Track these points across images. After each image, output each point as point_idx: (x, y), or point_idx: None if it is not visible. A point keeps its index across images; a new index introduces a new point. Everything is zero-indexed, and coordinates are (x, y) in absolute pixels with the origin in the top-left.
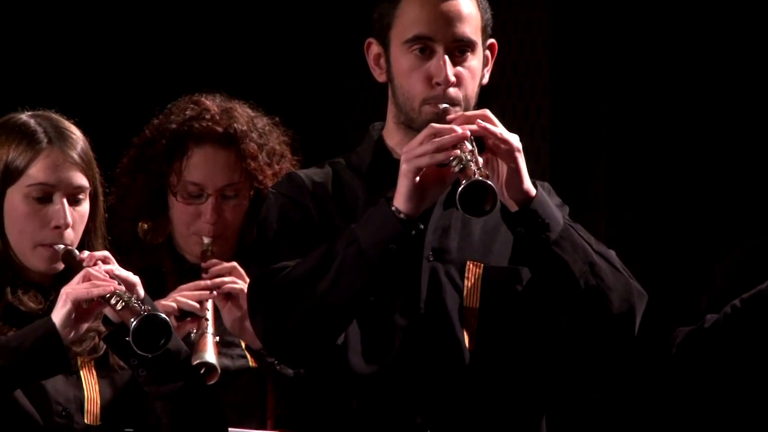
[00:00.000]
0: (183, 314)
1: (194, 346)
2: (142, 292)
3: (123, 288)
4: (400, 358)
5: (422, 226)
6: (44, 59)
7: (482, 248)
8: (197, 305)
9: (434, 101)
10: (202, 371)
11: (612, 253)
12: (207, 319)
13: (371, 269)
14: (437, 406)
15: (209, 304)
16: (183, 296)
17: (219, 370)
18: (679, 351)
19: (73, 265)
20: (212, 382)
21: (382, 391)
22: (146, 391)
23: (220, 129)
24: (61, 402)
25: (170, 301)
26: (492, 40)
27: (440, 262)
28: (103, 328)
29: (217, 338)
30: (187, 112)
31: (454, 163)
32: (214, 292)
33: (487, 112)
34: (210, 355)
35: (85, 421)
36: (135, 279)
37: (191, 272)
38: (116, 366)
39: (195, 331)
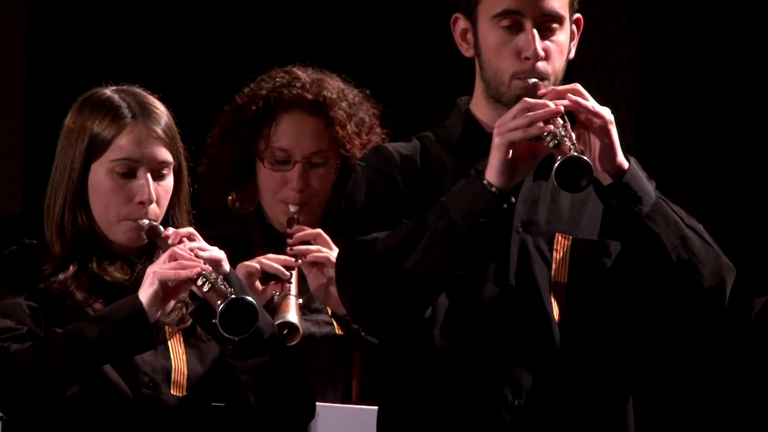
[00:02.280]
0: (267, 278)
1: (277, 307)
2: (227, 267)
3: (209, 268)
4: (488, 330)
5: (513, 200)
6: (128, 34)
7: (571, 221)
8: (281, 268)
9: (523, 76)
10: (284, 332)
11: (702, 227)
12: (290, 282)
13: (461, 242)
14: (525, 379)
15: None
16: (268, 259)
17: (301, 331)
18: (757, 319)
19: (158, 241)
20: (294, 343)
21: (468, 363)
22: (233, 364)
23: (309, 96)
24: (148, 372)
25: (254, 263)
26: (578, 15)
27: (529, 234)
28: (190, 300)
29: (300, 300)
30: (277, 80)
31: (548, 138)
32: (299, 260)
33: (578, 86)
34: (293, 315)
35: (172, 391)
36: (220, 255)
37: (279, 241)
38: (204, 337)
39: (278, 293)
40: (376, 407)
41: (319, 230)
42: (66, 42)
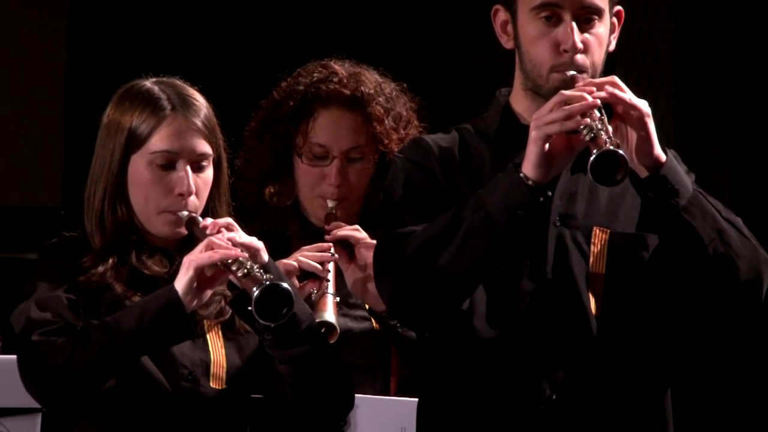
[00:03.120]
0: (304, 275)
1: (314, 306)
2: (266, 257)
3: (245, 255)
4: (526, 324)
5: (550, 193)
6: (167, 26)
7: (608, 214)
8: (318, 266)
9: (562, 68)
10: (322, 331)
11: (739, 220)
12: (328, 280)
13: (498, 235)
14: (562, 372)
15: (330, 266)
16: (305, 256)
17: (339, 330)
18: None
19: (197, 233)
20: (332, 342)
21: (507, 356)
22: (272, 355)
23: (347, 92)
24: (187, 365)
25: (291, 260)
26: (619, 7)
27: (567, 228)
28: (228, 292)
29: (338, 299)
30: (315, 75)
31: (584, 131)
32: (337, 255)
33: (616, 78)
34: (330, 314)
35: (211, 384)
36: (258, 244)
37: (317, 236)
38: (243, 330)
39: (315, 291)
40: (416, 399)
41: (357, 227)
42: (106, 34)
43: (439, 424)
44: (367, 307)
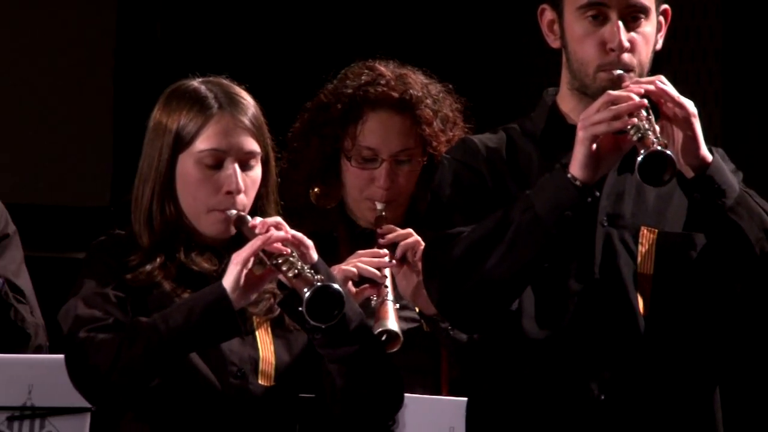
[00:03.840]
0: (361, 280)
1: (375, 313)
2: (315, 255)
3: (291, 253)
4: (575, 324)
5: (597, 193)
6: (215, 26)
7: (656, 214)
8: (377, 272)
9: (608, 67)
10: (383, 338)
11: None
12: (386, 286)
13: (547, 236)
14: (611, 372)
15: (387, 271)
16: (362, 261)
17: (402, 338)
18: None
19: (245, 231)
20: (395, 350)
21: (555, 357)
22: (321, 354)
23: (395, 94)
24: (236, 362)
25: (350, 266)
26: (665, 6)
27: (614, 228)
28: (278, 290)
29: (398, 305)
30: (362, 77)
31: (632, 131)
32: (392, 260)
33: (662, 78)
34: (392, 322)
35: (260, 381)
36: (308, 242)
37: (363, 237)
38: (292, 327)
39: (375, 298)
40: (465, 399)
41: (410, 230)
42: (154, 34)
43: (487, 424)
44: (417, 309)
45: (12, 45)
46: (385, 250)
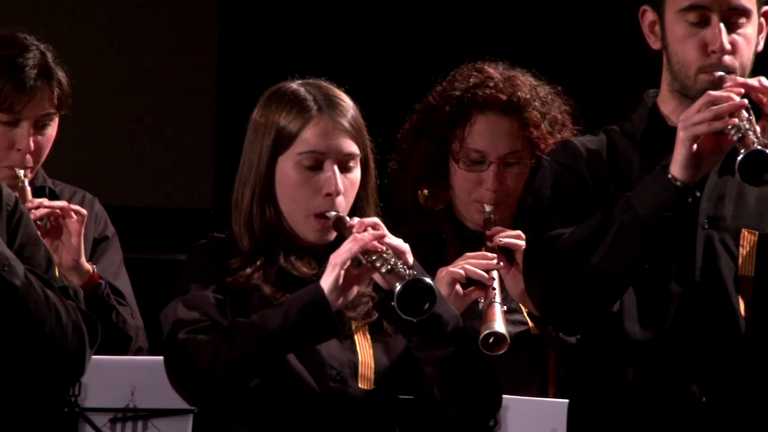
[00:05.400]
0: (469, 282)
1: (482, 315)
2: (411, 259)
3: (386, 251)
4: (676, 326)
5: (698, 194)
6: (317, 28)
7: (757, 216)
8: (485, 274)
9: (710, 69)
10: (490, 341)
11: None
12: (494, 288)
13: (647, 237)
14: (712, 374)
15: (495, 273)
16: (471, 264)
17: (509, 340)
18: None
19: (344, 232)
20: (502, 352)
21: (657, 359)
22: (418, 356)
23: (503, 97)
24: (335, 366)
25: (458, 269)
26: (767, 7)
27: (715, 230)
28: (376, 294)
29: (505, 308)
30: (471, 80)
31: (732, 131)
32: (501, 263)
33: (764, 79)
34: (499, 324)
35: (359, 385)
36: (404, 247)
37: (471, 239)
38: (390, 331)
39: (482, 300)
40: (567, 400)
41: (519, 232)
42: (257, 36)
43: (589, 426)
44: (525, 311)
45: (117, 49)
46: (493, 254)
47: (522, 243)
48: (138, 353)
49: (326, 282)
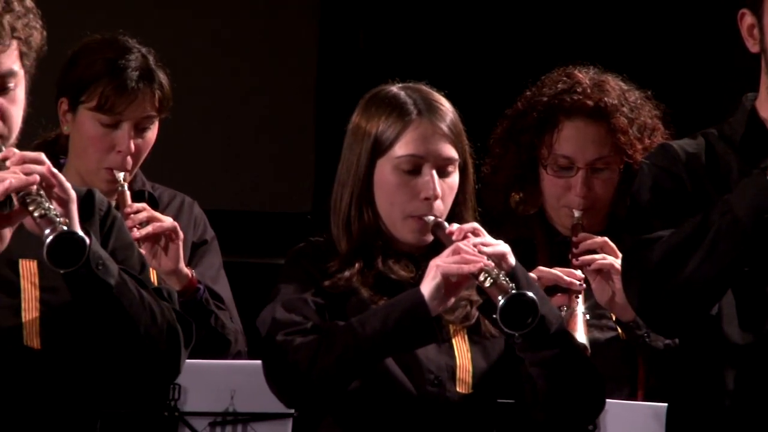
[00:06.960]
0: (554, 288)
1: (565, 323)
2: (512, 260)
3: (492, 264)
4: None
5: None
6: (417, 33)
7: None
8: (574, 280)
9: None
10: None
11: None
12: (578, 297)
13: (746, 239)
14: None
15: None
16: (558, 270)
17: (589, 350)
18: None
19: (442, 237)
20: None
21: (758, 362)
22: (521, 357)
23: (590, 103)
24: (433, 370)
25: (546, 274)
26: None
27: None
28: (475, 297)
29: (587, 316)
30: (558, 85)
31: None
32: (584, 285)
33: None
34: (580, 334)
35: (457, 389)
36: (504, 249)
37: (563, 245)
38: (488, 334)
39: (566, 308)
40: (666, 405)
41: (605, 239)
42: (356, 41)
43: (688, 430)
44: (613, 317)
45: (217, 54)
46: (581, 274)
47: (608, 261)
48: (237, 357)
49: (427, 288)
